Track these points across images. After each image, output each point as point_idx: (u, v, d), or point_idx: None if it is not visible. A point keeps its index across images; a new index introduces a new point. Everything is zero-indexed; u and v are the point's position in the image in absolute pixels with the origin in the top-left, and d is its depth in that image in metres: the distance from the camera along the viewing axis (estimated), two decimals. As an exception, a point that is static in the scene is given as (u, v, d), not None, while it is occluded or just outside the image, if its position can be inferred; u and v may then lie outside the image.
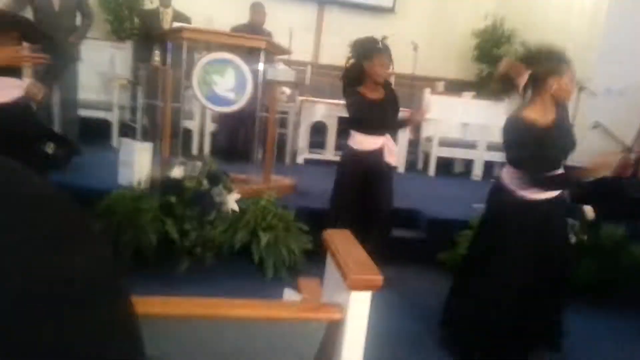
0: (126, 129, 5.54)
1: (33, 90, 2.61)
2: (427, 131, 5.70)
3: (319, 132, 5.51)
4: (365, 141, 3.22)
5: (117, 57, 5.92)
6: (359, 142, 3.23)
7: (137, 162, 3.34)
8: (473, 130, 5.50)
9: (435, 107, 5.57)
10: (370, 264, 1.59)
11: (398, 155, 4.12)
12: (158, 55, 4.99)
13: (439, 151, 5.55)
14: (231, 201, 2.96)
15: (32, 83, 2.68)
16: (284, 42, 5.58)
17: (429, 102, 3.91)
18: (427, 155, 5.66)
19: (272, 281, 2.88)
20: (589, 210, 3.02)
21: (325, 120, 5.39)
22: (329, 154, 5.34)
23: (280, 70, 4.17)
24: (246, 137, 4.91)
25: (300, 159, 5.44)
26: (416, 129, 5.77)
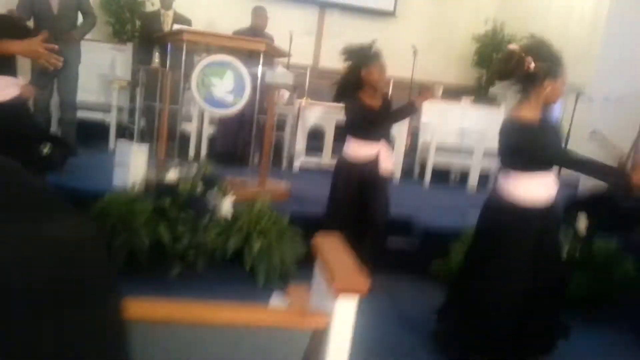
0: (124, 131, 5.55)
1: (25, 92, 2.63)
2: (424, 137, 5.70)
3: (317, 136, 5.51)
4: (361, 148, 3.22)
5: (117, 59, 5.93)
6: (355, 149, 3.23)
7: (133, 164, 3.34)
8: (471, 135, 5.50)
9: (433, 112, 5.58)
10: (357, 270, 1.59)
11: (394, 163, 4.12)
12: (158, 58, 5.01)
13: (435, 157, 5.54)
14: (225, 206, 2.96)
15: (26, 84, 2.70)
16: (284, 46, 5.60)
17: (436, 90, 3.89)
18: (423, 163, 5.65)
19: (264, 287, 2.88)
20: (581, 223, 3.02)
21: (324, 124, 5.40)
22: (327, 158, 5.34)
23: (279, 73, 4.18)
24: (244, 140, 4.92)
25: (297, 163, 5.44)
26: (413, 135, 5.77)
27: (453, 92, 6.84)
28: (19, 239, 0.46)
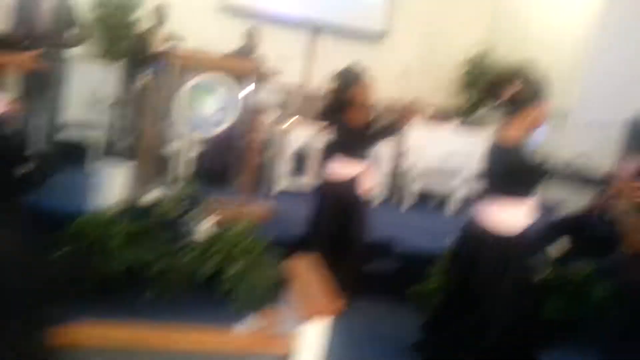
0: (110, 150, 5.52)
1: (11, 109, 2.60)
2: (409, 159, 5.71)
3: (303, 158, 5.50)
4: (344, 167, 3.24)
5: (106, 77, 5.94)
6: (338, 169, 3.25)
7: (113, 185, 3.32)
8: (456, 159, 5.53)
9: (419, 134, 5.61)
10: (327, 293, 1.57)
11: (377, 184, 4.13)
12: (146, 76, 5.03)
13: (419, 181, 5.53)
14: (204, 227, 2.94)
15: (12, 100, 2.68)
16: (275, 67, 5.64)
17: (419, 104, 3.91)
18: (407, 186, 5.66)
19: (240, 311, 2.83)
20: (558, 246, 3.04)
21: (310, 146, 5.41)
22: (311, 180, 5.34)
23: (267, 94, 4.21)
24: (230, 161, 4.90)
25: (280, 185, 5.44)
26: (398, 158, 5.78)
27: (441, 115, 6.90)
28: None
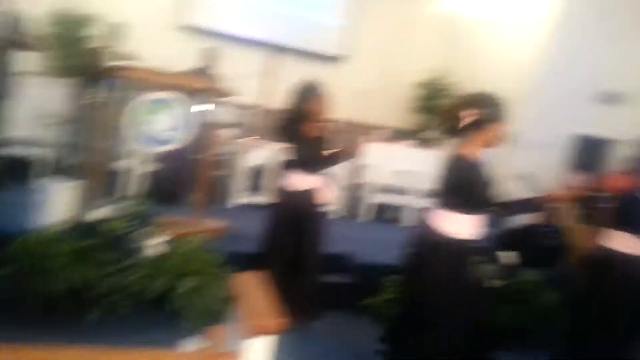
0: (56, 168, 5.34)
1: None
2: (365, 177, 5.81)
3: (259, 175, 5.51)
4: (300, 181, 3.26)
5: (54, 94, 5.76)
6: (295, 182, 3.27)
7: (59, 202, 3.20)
8: (410, 176, 5.67)
9: (375, 153, 5.72)
10: (271, 309, 1.56)
11: (334, 197, 4.17)
12: (96, 93, 4.91)
13: (375, 197, 5.65)
14: (153, 245, 2.87)
15: None
16: (233, 86, 5.63)
17: (364, 144, 4.01)
18: (364, 201, 5.75)
19: (192, 330, 2.76)
20: (504, 255, 3.14)
21: (266, 163, 5.41)
22: (266, 197, 5.33)
23: (221, 112, 4.19)
24: (184, 178, 4.83)
25: (236, 201, 5.41)
26: (353, 174, 5.87)
27: (396, 135, 7.06)
28: None
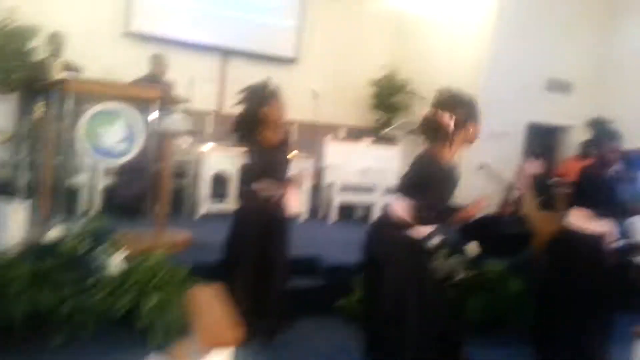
0: (4, 189, 5.08)
1: None
2: (328, 177, 5.81)
3: (221, 182, 5.40)
4: (265, 188, 3.18)
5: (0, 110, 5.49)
6: (259, 189, 3.18)
7: (10, 224, 3.04)
8: (372, 174, 5.70)
9: (336, 153, 5.72)
10: (227, 322, 1.54)
11: (300, 202, 4.13)
12: (43, 107, 4.71)
13: (339, 197, 5.66)
14: (115, 262, 2.76)
15: None
16: (186, 92, 5.50)
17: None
18: (329, 202, 5.75)
19: (159, 347, 2.67)
20: (471, 247, 3.17)
21: (228, 170, 5.32)
22: (231, 204, 5.24)
23: (175, 120, 4.08)
24: (143, 190, 4.69)
25: (201, 210, 5.29)
26: (317, 175, 5.86)
27: (355, 134, 7.09)
28: None
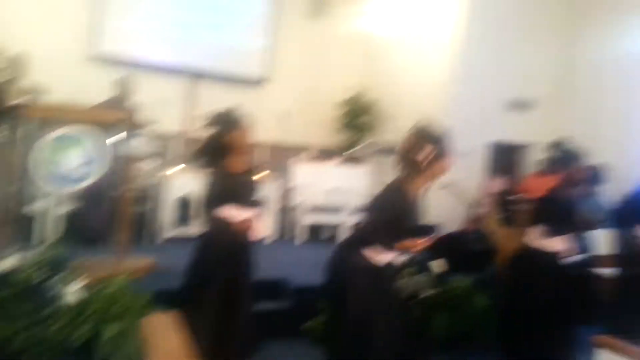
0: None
1: None
2: (296, 198, 5.79)
3: (186, 206, 5.31)
4: (229, 213, 3.15)
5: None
6: (226, 215, 3.15)
7: (-40, 255, 2.90)
8: (340, 194, 5.71)
9: (304, 174, 5.73)
10: (183, 351, 1.52)
11: (266, 225, 4.10)
12: (1, 133, 4.56)
13: (307, 217, 5.63)
14: (72, 292, 2.66)
15: None
16: (152, 114, 5.43)
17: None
18: (297, 223, 5.72)
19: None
20: (436, 264, 3.20)
21: (193, 193, 5.23)
22: (196, 228, 5.16)
23: (138, 143, 4.01)
24: (104, 217, 4.58)
25: (165, 234, 5.18)
26: (285, 196, 5.84)
27: (323, 154, 7.12)
28: None
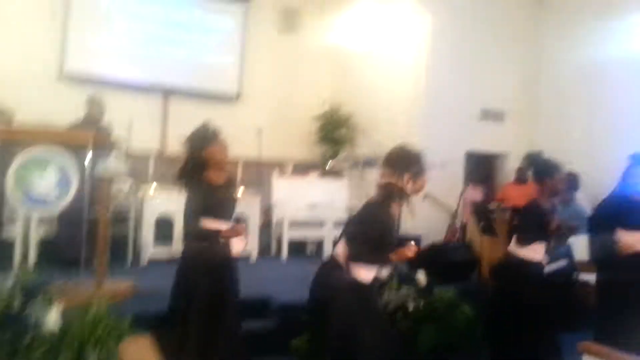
0: None
1: None
2: (277, 214, 5.75)
3: (166, 226, 5.18)
4: (215, 225, 3.11)
5: None
6: (209, 227, 3.10)
7: None
8: (320, 208, 5.70)
9: (283, 189, 5.70)
10: None
11: (246, 242, 4.04)
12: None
13: (290, 232, 5.60)
14: (51, 318, 2.56)
15: None
16: (125, 133, 5.33)
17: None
18: (279, 239, 5.68)
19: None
20: (421, 276, 3.22)
21: (172, 212, 5.13)
22: (177, 248, 5.05)
23: (111, 163, 3.91)
24: (81, 240, 4.44)
25: (145, 255, 5.05)
26: (266, 212, 5.79)
27: (301, 168, 7.12)
28: None
